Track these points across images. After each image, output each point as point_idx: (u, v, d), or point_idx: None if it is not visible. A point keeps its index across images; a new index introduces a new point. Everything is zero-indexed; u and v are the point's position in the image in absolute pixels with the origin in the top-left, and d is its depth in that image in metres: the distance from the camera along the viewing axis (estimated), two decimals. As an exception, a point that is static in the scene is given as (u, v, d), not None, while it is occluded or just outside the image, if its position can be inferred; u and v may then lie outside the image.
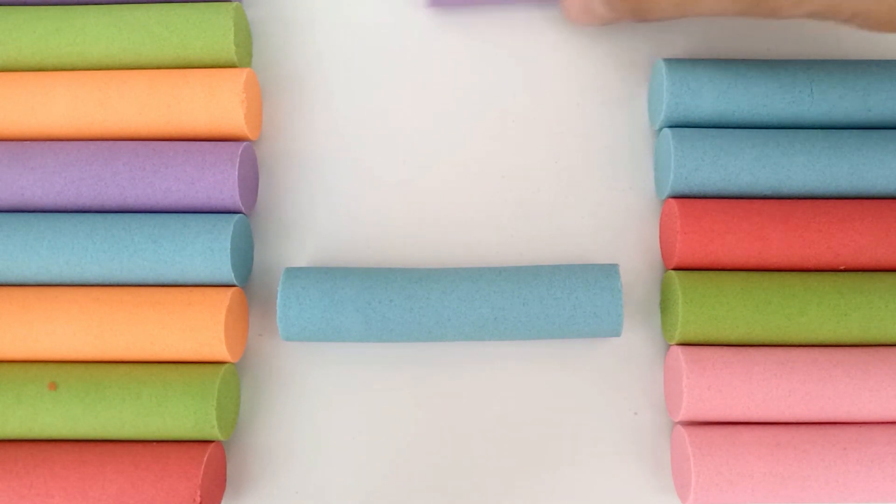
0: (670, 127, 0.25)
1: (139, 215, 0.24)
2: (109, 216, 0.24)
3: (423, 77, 0.27)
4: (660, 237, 0.27)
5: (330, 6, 0.28)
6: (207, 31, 0.25)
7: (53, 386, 0.23)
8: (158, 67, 0.26)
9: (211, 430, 0.23)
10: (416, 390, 0.26)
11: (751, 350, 0.24)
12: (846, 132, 0.25)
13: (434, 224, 0.27)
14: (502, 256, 0.26)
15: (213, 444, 0.24)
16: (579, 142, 0.27)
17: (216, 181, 0.24)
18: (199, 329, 0.23)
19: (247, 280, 0.26)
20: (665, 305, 0.26)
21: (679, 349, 0.24)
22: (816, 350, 0.24)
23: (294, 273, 0.24)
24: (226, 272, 0.24)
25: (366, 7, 0.28)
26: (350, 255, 0.26)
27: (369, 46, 0.28)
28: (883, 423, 0.24)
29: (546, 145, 0.27)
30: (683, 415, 0.24)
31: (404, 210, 0.27)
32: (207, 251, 0.24)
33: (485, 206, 0.27)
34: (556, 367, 0.26)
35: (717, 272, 0.24)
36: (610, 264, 0.24)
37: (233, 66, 0.26)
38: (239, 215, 0.25)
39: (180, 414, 0.23)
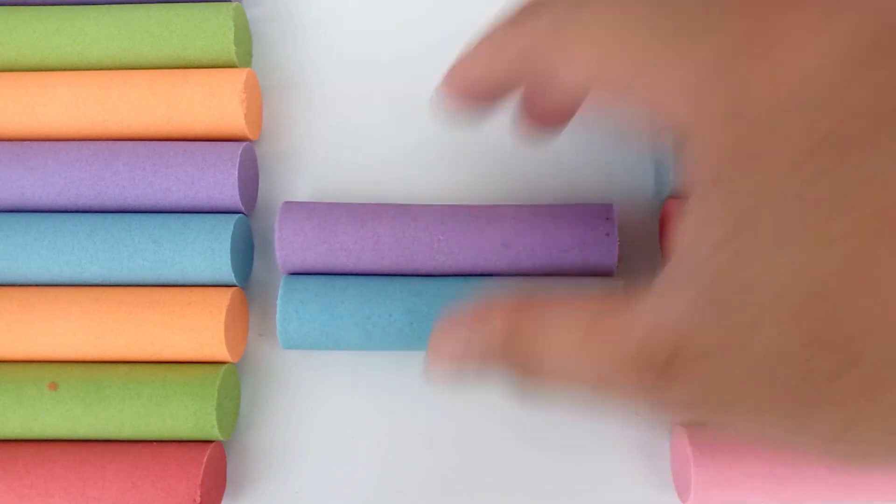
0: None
1: (139, 215, 0.24)
2: (109, 216, 0.24)
3: (424, 77, 0.27)
4: None
5: (330, 6, 0.28)
6: (207, 31, 0.25)
7: (53, 386, 0.23)
8: (158, 67, 0.26)
9: (211, 430, 0.23)
10: (417, 389, 0.26)
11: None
12: None
13: (434, 224, 0.27)
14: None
15: (213, 444, 0.24)
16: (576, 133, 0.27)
17: (216, 181, 0.24)
18: (199, 329, 0.23)
19: (247, 280, 0.26)
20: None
21: (679, 349, 0.24)
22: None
23: (292, 285, 0.24)
24: (226, 272, 0.24)
25: (366, 7, 0.28)
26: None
27: (370, 46, 0.28)
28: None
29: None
30: (683, 415, 0.24)
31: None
32: (207, 251, 0.24)
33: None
34: (556, 367, 0.26)
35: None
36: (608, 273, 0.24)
37: (233, 66, 0.26)
38: (239, 215, 0.25)
39: (180, 414, 0.23)
